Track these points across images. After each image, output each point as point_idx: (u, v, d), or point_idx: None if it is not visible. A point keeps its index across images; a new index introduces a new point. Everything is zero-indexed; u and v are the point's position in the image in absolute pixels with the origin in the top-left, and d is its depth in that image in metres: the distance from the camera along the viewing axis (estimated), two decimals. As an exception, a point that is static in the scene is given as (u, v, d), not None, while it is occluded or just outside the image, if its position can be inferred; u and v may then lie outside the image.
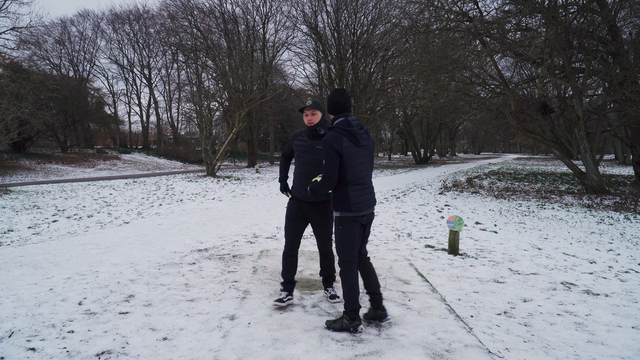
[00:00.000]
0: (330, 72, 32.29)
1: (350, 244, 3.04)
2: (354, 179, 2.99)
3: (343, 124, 3.01)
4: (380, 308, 3.21)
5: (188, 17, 31.33)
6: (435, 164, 37.25)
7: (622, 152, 38.92)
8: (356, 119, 3.12)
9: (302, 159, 3.42)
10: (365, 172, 3.06)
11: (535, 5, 11.48)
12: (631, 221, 8.54)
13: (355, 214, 3.00)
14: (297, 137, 3.53)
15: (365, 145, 3.06)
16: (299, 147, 3.46)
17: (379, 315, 3.21)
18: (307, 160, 3.39)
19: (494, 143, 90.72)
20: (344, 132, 2.97)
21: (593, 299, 3.97)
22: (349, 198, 2.98)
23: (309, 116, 3.38)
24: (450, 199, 11.86)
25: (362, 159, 3.04)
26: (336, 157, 2.93)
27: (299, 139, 3.49)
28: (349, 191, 2.99)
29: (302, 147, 3.43)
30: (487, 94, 15.88)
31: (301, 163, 3.44)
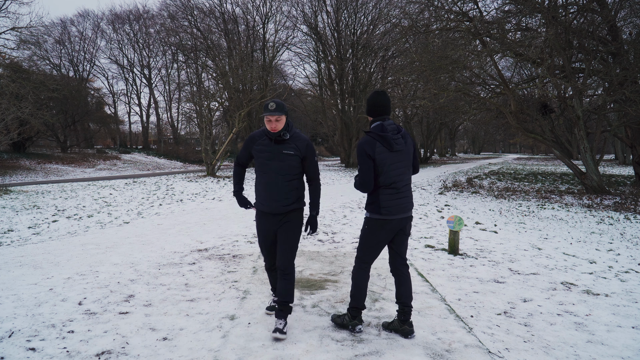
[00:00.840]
0: (330, 72, 32.29)
1: (371, 246, 3.01)
2: (387, 183, 2.93)
3: (378, 129, 2.94)
4: (408, 323, 3.04)
5: (188, 17, 31.33)
6: (435, 164, 37.26)
7: (622, 152, 38.92)
8: (393, 122, 3.00)
9: (267, 167, 3.01)
10: (400, 177, 2.96)
11: (535, 5, 11.48)
12: (631, 221, 8.54)
13: (384, 217, 2.94)
14: (255, 141, 3.09)
15: (400, 150, 2.95)
16: (262, 153, 3.03)
17: (404, 331, 3.02)
18: (274, 168, 3.00)
19: (494, 143, 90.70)
20: (378, 137, 2.91)
21: (593, 299, 3.97)
22: (379, 201, 2.94)
23: (272, 122, 2.95)
24: (450, 199, 11.86)
25: (397, 164, 2.94)
26: (370, 162, 2.89)
27: (259, 144, 3.06)
28: (380, 194, 2.94)
29: (266, 153, 3.01)
30: (487, 94, 15.89)
31: (266, 171, 3.03)
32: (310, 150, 3.05)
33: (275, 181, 3.01)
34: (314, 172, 3.11)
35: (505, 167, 32.05)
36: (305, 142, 3.04)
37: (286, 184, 3.01)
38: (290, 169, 3.00)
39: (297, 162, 3.01)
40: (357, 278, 3.06)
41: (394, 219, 2.95)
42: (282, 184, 3.01)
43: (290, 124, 3.06)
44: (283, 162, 2.99)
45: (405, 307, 3.05)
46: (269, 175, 3.02)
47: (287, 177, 3.01)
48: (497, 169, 28.16)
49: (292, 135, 3.04)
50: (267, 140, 3.04)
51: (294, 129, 3.07)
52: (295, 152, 3.00)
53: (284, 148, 3.00)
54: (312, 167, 3.08)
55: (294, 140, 3.02)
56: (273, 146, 3.01)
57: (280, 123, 2.98)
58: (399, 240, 3.08)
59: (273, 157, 3.01)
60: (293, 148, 3.00)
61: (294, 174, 3.03)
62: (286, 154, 2.99)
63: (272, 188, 3.02)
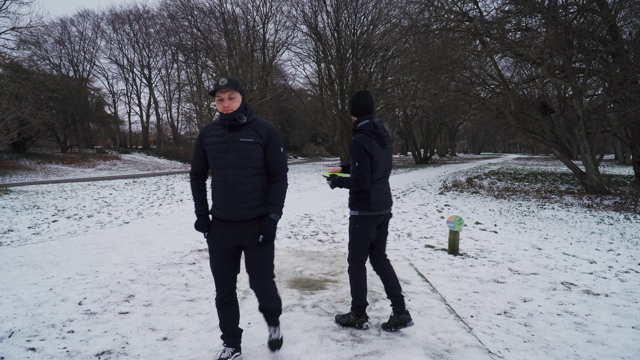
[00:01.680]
0: (330, 72, 32.29)
1: (363, 243, 3.05)
2: (377, 179, 3.01)
3: (370, 127, 3.01)
4: (404, 312, 3.07)
5: (188, 17, 31.31)
6: (435, 164, 37.25)
7: (622, 152, 38.92)
8: (380, 120, 3.09)
9: (222, 161, 2.44)
10: (386, 172, 3.09)
11: (535, 5, 11.48)
12: (631, 221, 8.54)
13: (374, 213, 3.01)
14: (207, 133, 2.54)
15: (389, 147, 3.09)
16: (214, 145, 2.47)
17: (403, 320, 3.04)
18: (231, 162, 2.42)
19: (494, 143, 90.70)
20: (372, 135, 2.97)
21: (593, 299, 3.97)
22: (369, 197, 2.98)
23: (225, 101, 2.40)
24: (450, 199, 11.86)
25: (385, 160, 3.06)
26: (369, 158, 2.93)
27: (211, 135, 2.51)
28: (371, 190, 2.99)
29: (220, 144, 2.45)
30: (487, 94, 15.89)
31: (221, 167, 2.44)
32: (274, 137, 2.49)
33: (233, 178, 2.43)
34: (279, 165, 2.51)
35: (505, 167, 32.05)
36: (268, 127, 2.50)
37: (248, 180, 2.44)
38: (251, 161, 2.43)
39: (259, 151, 2.44)
40: (356, 278, 3.08)
41: (381, 214, 3.05)
42: (242, 180, 2.43)
43: (249, 107, 2.52)
44: (241, 153, 2.41)
45: (398, 298, 3.09)
46: (226, 173, 2.44)
47: (248, 172, 2.44)
48: (497, 169, 28.16)
49: (252, 121, 2.49)
50: (220, 129, 2.48)
51: (254, 114, 2.53)
52: (256, 138, 2.44)
53: (240, 135, 2.44)
54: (277, 158, 2.50)
55: (254, 126, 2.48)
56: (228, 134, 2.44)
57: (235, 102, 2.42)
58: (381, 237, 3.17)
59: (228, 148, 2.43)
60: (252, 135, 2.44)
61: (257, 167, 2.46)
62: (244, 143, 2.42)
63: (231, 187, 2.43)
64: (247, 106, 2.51)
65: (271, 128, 2.51)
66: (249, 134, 2.45)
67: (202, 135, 2.54)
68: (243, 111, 2.47)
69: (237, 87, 2.43)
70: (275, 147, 2.49)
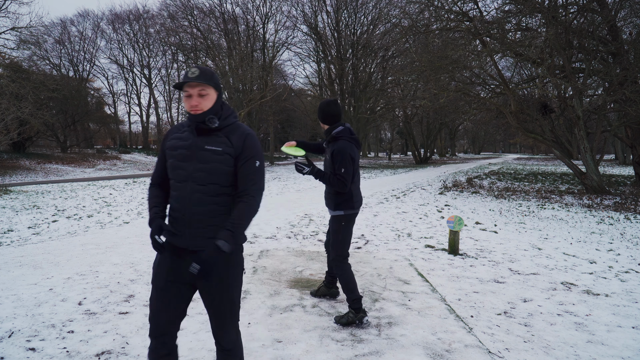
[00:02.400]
0: (330, 72, 32.31)
1: (348, 240, 3.25)
2: (355, 180, 3.24)
3: (348, 132, 3.20)
4: (334, 287, 3.73)
5: (188, 17, 31.32)
6: (435, 164, 37.25)
7: (622, 152, 38.93)
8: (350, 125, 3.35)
9: (183, 171, 1.90)
10: (358, 172, 3.32)
11: (535, 5, 11.48)
12: (631, 221, 8.53)
13: (356, 210, 3.27)
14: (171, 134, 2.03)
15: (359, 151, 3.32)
16: (174, 150, 1.94)
17: (333, 294, 3.74)
18: (191, 174, 1.88)
19: (494, 143, 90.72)
20: (352, 140, 3.19)
21: (593, 299, 3.97)
22: (352, 197, 3.20)
23: (193, 98, 1.88)
24: (450, 199, 11.86)
25: (358, 162, 3.29)
26: (352, 164, 3.13)
27: (174, 137, 1.99)
28: (353, 189, 3.21)
29: (181, 150, 1.92)
30: (487, 94, 15.89)
31: (181, 179, 1.90)
32: (251, 147, 1.93)
33: (192, 195, 1.87)
34: (249, 181, 1.91)
35: (505, 167, 32.05)
36: (245, 133, 1.95)
37: (210, 200, 1.88)
38: (215, 175, 1.88)
39: (227, 164, 1.89)
40: (345, 274, 3.22)
41: (357, 211, 3.32)
42: (203, 200, 1.87)
43: (226, 108, 2.00)
44: (205, 164, 1.88)
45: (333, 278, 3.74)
46: (184, 187, 1.89)
47: (211, 190, 1.88)
48: (497, 169, 28.16)
49: (227, 125, 1.95)
50: (186, 132, 1.96)
51: (232, 117, 1.99)
52: (226, 147, 1.89)
53: (208, 142, 1.90)
54: (247, 172, 1.91)
55: (228, 132, 1.93)
56: (193, 139, 1.92)
57: (206, 100, 1.89)
58: None
59: (190, 156, 1.89)
60: (222, 142, 1.90)
61: (222, 184, 1.90)
62: (210, 151, 1.88)
63: (188, 206, 1.88)
64: (225, 106, 2.00)
65: (248, 135, 1.95)
66: (219, 141, 1.90)
67: (165, 137, 2.06)
68: (217, 112, 1.93)
69: (210, 81, 1.88)
70: (248, 158, 1.91)
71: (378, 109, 33.11)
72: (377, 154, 63.97)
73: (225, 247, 1.80)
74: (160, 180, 2.05)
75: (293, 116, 43.84)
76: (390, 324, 3.24)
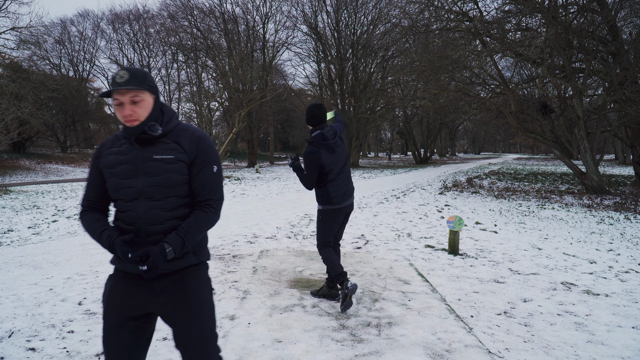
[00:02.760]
0: (330, 72, 32.31)
1: (327, 231, 3.57)
2: (332, 179, 3.48)
3: (319, 138, 3.44)
4: (335, 288, 3.75)
5: (188, 17, 31.33)
6: (435, 164, 37.25)
7: (622, 152, 38.93)
8: (331, 128, 3.51)
9: (131, 189, 1.62)
10: (340, 171, 3.52)
11: (535, 5, 11.49)
12: (631, 221, 8.54)
13: (335, 206, 3.52)
14: (105, 149, 1.71)
15: (340, 151, 3.51)
16: (115, 166, 1.64)
17: (333, 295, 3.75)
18: (143, 190, 1.61)
19: (494, 143, 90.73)
20: (321, 146, 3.42)
21: (593, 299, 3.97)
22: (329, 194, 3.49)
23: (125, 107, 1.58)
24: (450, 199, 11.86)
25: (338, 162, 3.49)
26: (316, 169, 3.40)
27: (110, 153, 1.68)
28: (329, 188, 3.48)
29: (125, 165, 1.63)
30: (487, 94, 15.89)
31: (130, 197, 1.62)
32: (205, 150, 1.69)
33: (146, 214, 1.61)
34: (208, 190, 1.68)
35: (505, 167, 32.05)
36: (195, 135, 1.70)
37: (168, 215, 1.63)
38: (171, 187, 1.62)
39: (182, 172, 1.64)
40: (325, 256, 3.56)
41: (342, 206, 3.54)
42: (159, 216, 1.61)
43: (167, 110, 1.71)
44: (157, 177, 1.61)
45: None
46: (135, 206, 1.61)
47: (168, 204, 1.63)
48: (497, 169, 28.16)
49: (172, 129, 1.69)
50: (125, 145, 1.66)
51: (174, 119, 1.72)
52: (178, 153, 1.65)
53: (155, 151, 1.63)
54: (205, 180, 1.67)
55: (175, 136, 1.68)
56: (135, 151, 1.63)
57: (142, 107, 1.60)
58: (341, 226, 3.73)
59: (137, 170, 1.61)
60: (172, 149, 1.65)
61: (180, 195, 1.65)
62: (160, 161, 1.62)
63: (142, 227, 1.61)
64: (165, 108, 1.71)
65: (200, 137, 1.69)
66: (168, 147, 1.64)
67: (98, 153, 1.72)
68: (157, 118, 1.65)
69: (143, 84, 1.58)
70: (204, 164, 1.67)
71: (378, 109, 33.11)
72: (377, 154, 63.97)
73: (170, 254, 1.56)
74: (98, 205, 1.71)
75: (293, 116, 43.87)
76: (390, 324, 3.24)
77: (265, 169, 28.18)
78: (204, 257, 1.76)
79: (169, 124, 1.69)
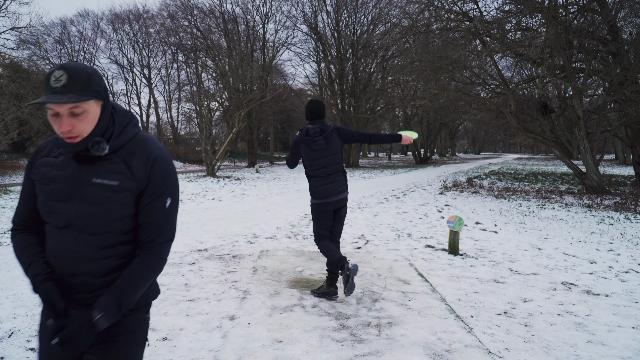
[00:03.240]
0: (330, 72, 32.31)
1: (319, 225, 3.75)
2: (313, 174, 3.71)
3: (303, 133, 3.73)
4: (333, 286, 3.81)
5: (188, 17, 31.33)
6: (436, 164, 37.25)
7: (623, 152, 38.94)
8: (319, 127, 3.68)
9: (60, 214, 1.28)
10: (322, 168, 3.69)
11: (536, 5, 11.49)
12: (631, 221, 8.53)
13: (319, 201, 3.71)
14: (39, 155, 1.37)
15: (319, 149, 3.66)
16: (48, 183, 1.30)
17: (331, 292, 3.79)
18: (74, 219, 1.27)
19: (494, 143, 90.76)
20: (302, 140, 3.71)
21: (593, 299, 3.97)
22: (312, 188, 3.74)
23: (62, 120, 1.20)
24: (450, 199, 11.86)
25: (319, 160, 3.68)
26: (297, 152, 3.75)
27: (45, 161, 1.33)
28: (310, 183, 3.76)
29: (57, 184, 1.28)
30: (487, 94, 15.90)
31: (60, 223, 1.29)
32: (161, 180, 1.32)
33: (74, 248, 1.27)
34: (157, 231, 1.33)
35: (506, 167, 32.05)
36: (152, 155, 1.32)
37: (102, 254, 1.29)
38: (108, 221, 1.28)
39: (127, 205, 1.29)
40: (325, 247, 3.68)
41: (328, 201, 3.69)
42: (89, 256, 1.28)
43: (120, 115, 1.33)
44: (92, 206, 1.26)
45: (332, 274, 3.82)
46: (63, 237, 1.28)
47: (104, 240, 1.28)
48: (497, 169, 28.16)
49: (124, 142, 1.31)
50: (62, 156, 1.30)
51: (128, 130, 1.33)
52: (124, 180, 1.28)
53: (96, 172, 1.27)
54: (155, 215, 1.32)
55: (125, 153, 1.30)
56: (72, 167, 1.28)
57: (84, 121, 1.22)
58: (336, 224, 3.84)
59: (72, 193, 1.27)
60: (118, 172, 1.28)
61: (121, 231, 1.31)
62: (99, 187, 1.26)
63: (67, 263, 1.28)
64: (118, 114, 1.32)
65: (157, 159, 1.31)
66: (113, 170, 1.27)
67: (32, 160, 1.36)
68: (107, 128, 1.27)
69: (86, 91, 1.19)
70: (155, 196, 1.31)
71: (378, 109, 33.12)
72: (377, 154, 63.95)
73: (101, 323, 1.21)
74: (31, 223, 1.37)
75: (293, 116, 43.85)
76: (390, 324, 3.24)
77: (265, 169, 28.19)
78: (145, 301, 1.38)
79: (121, 137, 1.30)
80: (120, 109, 1.34)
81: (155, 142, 1.37)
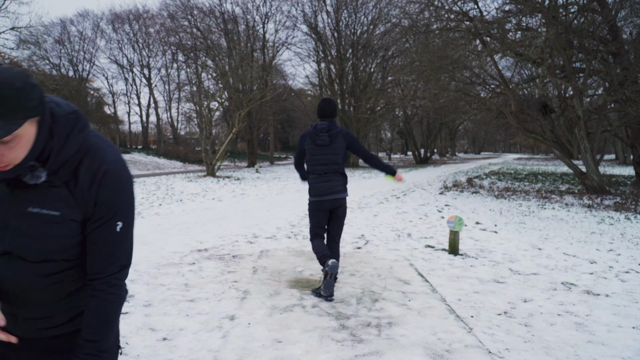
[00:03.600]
0: (330, 72, 32.32)
1: (313, 223, 3.83)
2: (312, 170, 3.79)
3: (311, 127, 3.83)
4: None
5: (188, 17, 31.32)
6: (436, 164, 37.25)
7: (623, 152, 38.93)
8: (326, 124, 3.76)
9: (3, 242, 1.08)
10: (322, 165, 3.74)
11: (536, 5, 11.48)
12: (631, 221, 8.53)
13: (314, 198, 3.77)
14: None
15: (323, 145, 3.73)
16: None
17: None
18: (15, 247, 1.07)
19: (494, 143, 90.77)
20: (308, 134, 3.82)
21: (593, 299, 3.97)
22: (309, 186, 3.80)
23: None
24: (450, 199, 11.86)
25: (320, 156, 3.75)
26: (300, 149, 3.90)
27: None
28: (309, 180, 3.82)
29: None
30: (487, 94, 15.89)
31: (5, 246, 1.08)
32: (112, 200, 1.12)
33: (15, 275, 1.09)
34: (107, 261, 1.14)
35: (506, 167, 32.05)
36: (102, 172, 1.09)
37: (47, 281, 1.11)
38: (52, 252, 1.09)
39: (70, 234, 1.10)
40: (313, 244, 3.79)
41: (324, 199, 3.72)
42: (31, 285, 1.11)
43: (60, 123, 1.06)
44: (31, 239, 1.07)
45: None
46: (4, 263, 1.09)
47: (47, 269, 1.11)
48: (497, 169, 28.16)
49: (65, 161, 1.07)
50: None
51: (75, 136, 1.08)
52: (67, 209, 1.07)
53: (31, 200, 1.06)
54: (105, 246, 1.13)
55: (68, 173, 1.08)
56: (3, 195, 1.07)
57: (15, 148, 0.96)
58: (333, 225, 3.90)
59: (4, 223, 1.07)
60: (59, 198, 1.07)
61: (65, 258, 1.13)
62: (36, 217, 1.06)
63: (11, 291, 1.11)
64: (56, 124, 1.05)
65: (106, 173, 1.10)
66: (53, 196, 1.07)
67: None
68: (44, 147, 1.03)
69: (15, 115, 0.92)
70: (105, 219, 1.12)
71: (378, 109, 33.13)
72: (377, 154, 63.94)
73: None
74: None
75: (293, 116, 43.88)
76: (390, 324, 3.24)
77: (265, 169, 28.19)
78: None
79: (62, 154, 1.05)
80: (61, 115, 1.07)
81: (106, 148, 1.13)
